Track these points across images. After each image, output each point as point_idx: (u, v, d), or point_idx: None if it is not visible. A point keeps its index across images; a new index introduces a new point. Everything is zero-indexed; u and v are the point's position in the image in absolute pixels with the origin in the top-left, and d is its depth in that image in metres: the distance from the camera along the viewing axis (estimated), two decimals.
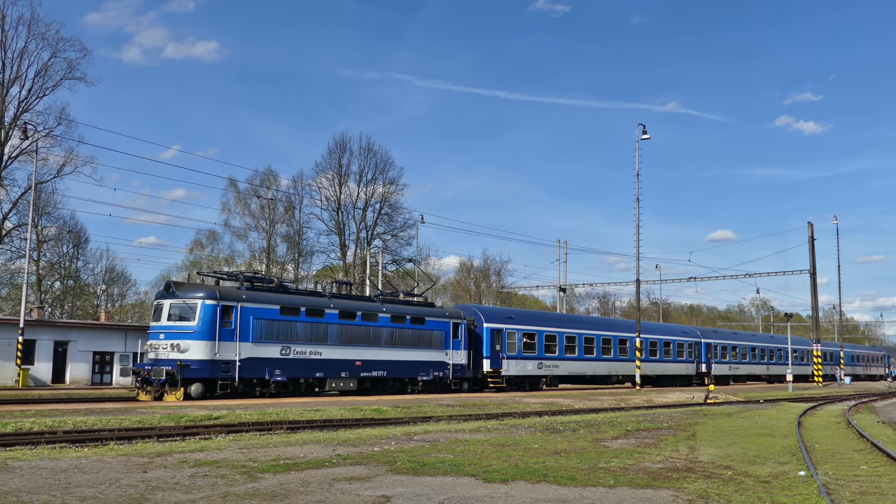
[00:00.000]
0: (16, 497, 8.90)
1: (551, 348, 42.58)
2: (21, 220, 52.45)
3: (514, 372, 39.98)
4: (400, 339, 34.51)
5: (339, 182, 70.18)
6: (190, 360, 27.01)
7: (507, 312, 43.40)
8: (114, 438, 16.49)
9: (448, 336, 36.70)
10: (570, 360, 43.96)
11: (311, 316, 30.95)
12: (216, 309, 27.70)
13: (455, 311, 38.71)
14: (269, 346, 29.13)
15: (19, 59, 50.95)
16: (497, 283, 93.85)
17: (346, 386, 32.18)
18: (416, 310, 36.12)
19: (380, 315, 33.85)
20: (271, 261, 69.84)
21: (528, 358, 40.90)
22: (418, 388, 35.37)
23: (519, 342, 40.32)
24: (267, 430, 19.03)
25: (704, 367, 57.33)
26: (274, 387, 29.50)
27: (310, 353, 30.66)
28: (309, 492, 9.61)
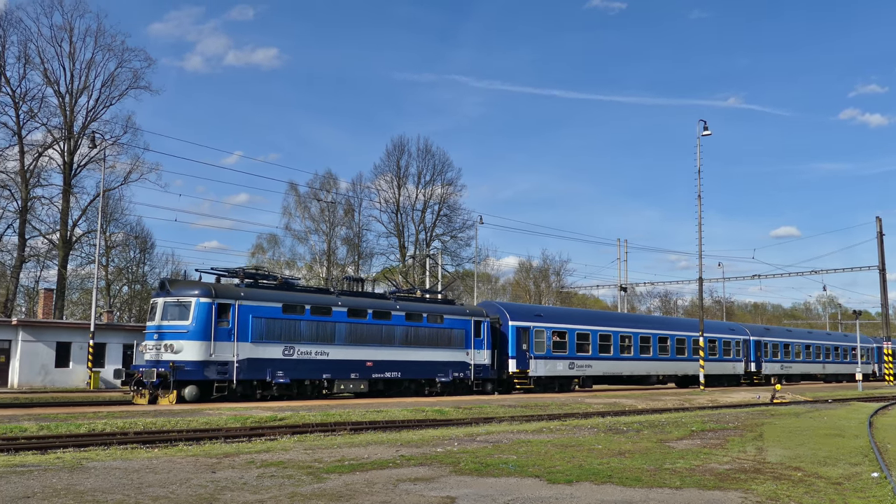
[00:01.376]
0: (91, 497, 9.15)
1: (584, 347, 40.70)
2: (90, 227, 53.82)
3: (542, 372, 38.16)
4: (416, 338, 32.95)
5: (398, 184, 70.66)
6: (183, 362, 25.88)
7: (534, 310, 42.03)
8: (183, 439, 16.83)
9: (469, 335, 35.05)
10: (604, 360, 41.95)
11: (317, 314, 29.57)
12: (211, 307, 26.51)
13: (477, 309, 37.19)
14: (270, 346, 27.87)
15: (87, 69, 52.42)
16: (557, 282, 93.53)
17: (357, 388, 30.78)
18: (434, 307, 34.64)
19: (393, 313, 32.35)
20: (331, 263, 70.51)
21: (558, 357, 39.13)
22: (436, 389, 33.80)
23: (548, 341, 38.59)
24: (331, 431, 19.23)
25: (754, 366, 55.19)
26: (276, 389, 28.23)
27: (316, 354, 29.29)
28: (374, 492, 9.69)
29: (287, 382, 28.21)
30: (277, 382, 27.92)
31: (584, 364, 40.50)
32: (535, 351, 37.75)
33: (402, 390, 32.54)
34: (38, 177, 51.54)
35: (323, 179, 72.36)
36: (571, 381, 40.15)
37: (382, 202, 70.85)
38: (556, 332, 39.14)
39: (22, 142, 50.25)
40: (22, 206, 49.90)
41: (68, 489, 9.62)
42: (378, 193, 71.06)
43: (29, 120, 50.78)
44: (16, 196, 50.19)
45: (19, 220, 50.21)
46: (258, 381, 27.62)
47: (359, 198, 71.95)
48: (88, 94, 52.70)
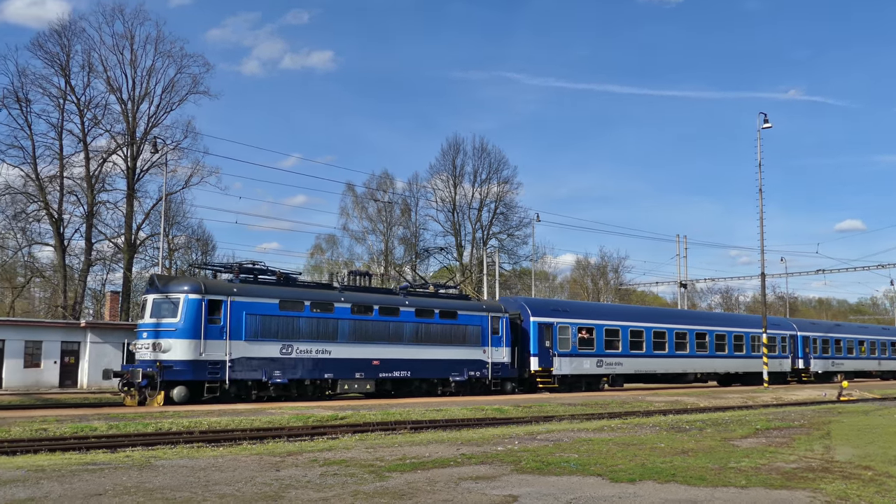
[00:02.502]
0: (160, 494, 9.35)
1: (613, 344, 38.73)
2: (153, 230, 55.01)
3: (567, 371, 36.32)
4: (427, 335, 31.33)
5: (454, 183, 70.80)
6: (171, 361, 24.78)
7: (558, 305, 40.61)
8: (246, 438, 17.12)
9: (486, 331, 33.36)
10: (636, 357, 39.88)
11: (318, 310, 28.21)
12: (201, 304, 25.34)
13: (494, 304, 35.77)
14: (266, 344, 26.59)
15: (148, 76, 53.55)
16: (615, 279, 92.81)
17: (362, 388, 29.46)
18: (447, 303, 33.01)
19: (402, 309, 30.78)
20: (389, 263, 70.92)
21: (584, 355, 37.22)
22: (450, 389, 32.16)
23: (573, 337, 36.70)
24: (391, 430, 19.36)
25: (801, 362, 52.37)
26: (274, 389, 26.96)
27: (316, 352, 27.91)
28: (436, 490, 9.72)
29: (285, 382, 27.03)
30: (274, 382, 26.75)
31: (613, 362, 38.66)
32: (559, 348, 36.07)
33: (412, 390, 31.20)
34: (103, 182, 52.85)
35: (379, 180, 72.88)
36: (600, 380, 38.41)
37: (439, 201, 71.13)
38: (583, 329, 37.46)
39: (87, 148, 51.55)
40: (88, 210, 51.19)
41: (138, 487, 9.84)
42: (434, 192, 71.36)
43: (93, 127, 52.12)
44: (82, 201, 51.52)
45: (86, 224, 51.51)
46: (253, 382, 26.46)
47: (415, 197, 72.33)
48: (150, 101, 53.88)
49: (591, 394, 35.18)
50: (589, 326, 37.69)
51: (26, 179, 49.78)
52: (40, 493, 9.37)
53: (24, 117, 49.44)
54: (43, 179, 49.96)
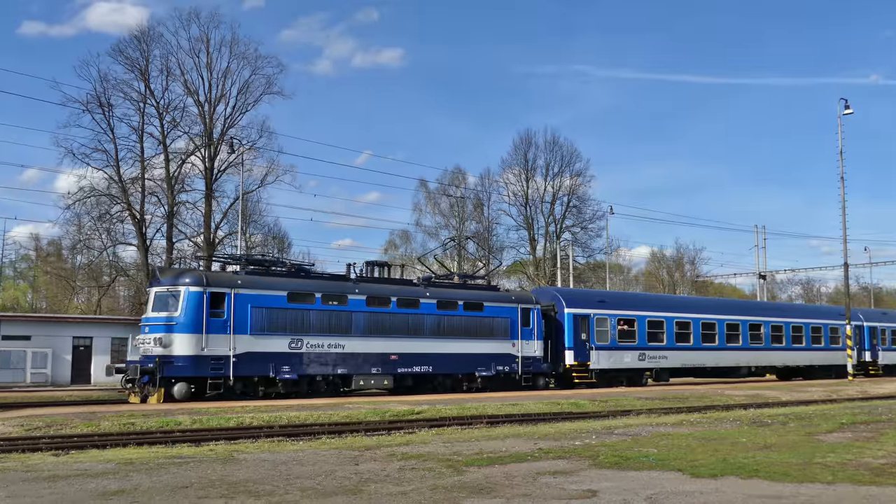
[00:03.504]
0: (244, 487, 9.57)
1: (657, 336, 36.53)
2: (231, 229, 56.02)
3: (605, 365, 34.33)
4: (449, 328, 29.74)
5: (526, 177, 70.47)
6: (171, 356, 23.87)
7: (596, 295, 38.27)
8: (325, 433, 17.37)
9: (516, 324, 31.56)
10: (682, 350, 37.46)
11: (330, 303, 26.94)
12: (202, 297, 24.35)
13: (525, 295, 34.10)
14: (273, 338, 25.46)
15: (223, 78, 54.45)
16: (691, 271, 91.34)
17: (379, 384, 28.06)
18: (472, 294, 31.32)
19: (422, 301, 29.25)
20: (462, 258, 71.03)
21: (624, 348, 35.14)
22: (476, 385, 30.47)
23: (612, 329, 34.67)
24: (468, 425, 19.42)
25: (868, 354, 48.84)
26: (282, 386, 25.78)
27: (328, 347, 26.63)
28: (514, 485, 9.73)
29: (294, 378, 25.85)
30: (282, 378, 25.59)
31: (657, 355, 36.38)
32: (596, 341, 34.08)
33: (435, 386, 29.83)
34: (182, 183, 53.93)
35: (451, 175, 72.95)
36: (642, 375, 36.23)
37: (511, 195, 70.86)
38: (623, 320, 35.35)
39: (167, 150, 52.71)
40: (169, 211, 52.40)
41: (222, 480, 10.09)
42: (506, 187, 71.08)
43: (172, 129, 53.17)
44: (163, 202, 52.73)
45: (167, 224, 52.70)
46: (260, 378, 25.44)
47: (487, 192, 72.19)
48: (226, 102, 54.78)
49: (665, 387, 34.63)
50: (629, 318, 35.76)
51: (110, 182, 51.13)
52: (130, 485, 9.68)
53: (107, 121, 50.74)
54: (125, 181, 51.27)
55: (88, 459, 12.35)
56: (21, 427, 16.96)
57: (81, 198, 50.31)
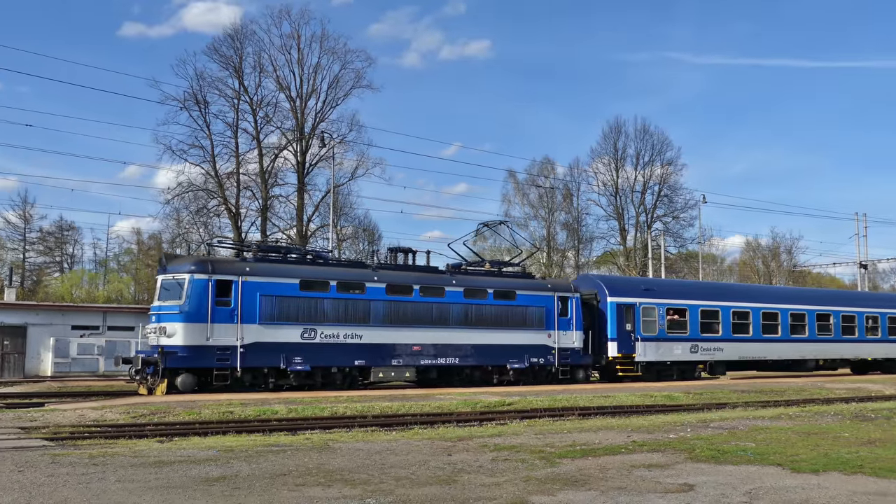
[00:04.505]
0: (339, 476, 9.75)
1: (711, 327, 34.39)
2: (323, 222, 57.00)
3: (652, 357, 32.31)
4: (478, 317, 28.29)
5: (616, 166, 69.67)
6: (175, 347, 23.00)
7: (641, 283, 36.13)
8: (418, 423, 17.55)
9: (552, 313, 29.90)
10: (740, 342, 35.21)
11: (346, 291, 25.76)
12: (208, 284, 23.49)
13: (562, 283, 32.28)
14: (284, 328, 24.42)
15: (314, 73, 55.40)
16: (788, 261, 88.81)
17: (401, 376, 26.82)
18: (502, 282, 29.72)
19: (447, 289, 27.86)
20: (552, 249, 70.63)
21: (674, 339, 32.99)
22: (508, 378, 29.02)
23: (660, 320, 32.65)
24: (559, 416, 19.36)
25: None
26: (294, 377, 24.71)
27: (344, 337, 25.49)
28: (608, 478, 9.65)
29: (307, 370, 24.78)
30: (294, 370, 24.52)
31: (711, 346, 34.20)
32: (642, 332, 32.10)
33: (462, 379, 28.36)
34: (275, 177, 55.17)
35: (540, 165, 72.59)
36: (694, 367, 34.19)
37: (601, 185, 70.18)
38: (672, 310, 33.30)
39: (260, 145, 53.97)
40: (263, 204, 53.64)
41: (318, 468, 10.30)
42: (596, 177, 70.44)
43: (265, 125, 54.42)
44: (257, 196, 54.03)
45: (261, 217, 53.97)
46: (270, 369, 24.41)
47: (577, 182, 71.62)
48: (316, 97, 55.69)
49: (756, 380, 33.75)
50: (680, 307, 33.67)
51: (206, 177, 52.68)
52: (231, 471, 9.97)
53: (204, 118, 52.31)
54: (221, 176, 52.71)
55: (191, 446, 12.77)
56: (127, 414, 17.64)
57: (180, 193, 52.01)
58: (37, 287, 67.51)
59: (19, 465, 10.29)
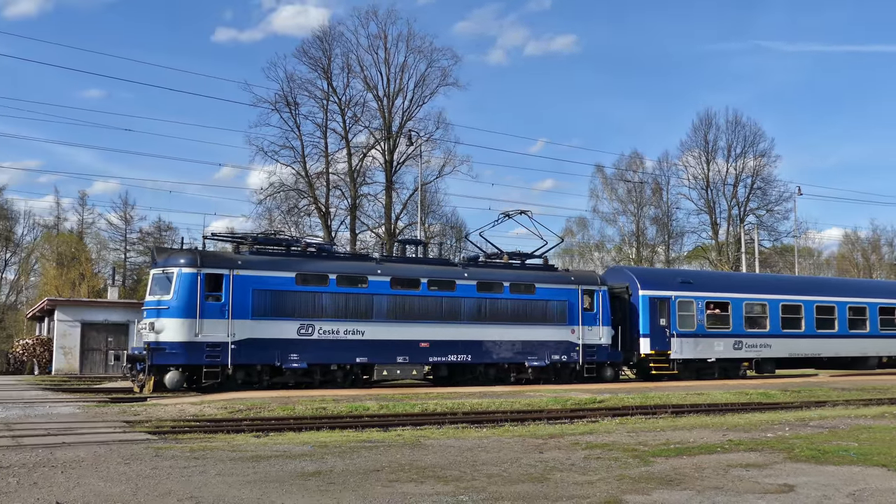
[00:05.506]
0: (432, 472, 9.82)
1: (758, 322, 32.23)
2: (411, 220, 57.44)
3: (690, 354, 30.29)
4: (493, 312, 26.69)
5: (707, 159, 68.20)
6: (164, 343, 22.16)
7: (678, 275, 34.18)
8: (508, 420, 17.54)
9: (575, 308, 28.13)
10: (790, 338, 32.87)
11: (346, 285, 24.58)
12: (197, 278, 22.51)
13: (587, 275, 30.21)
14: (279, 323, 23.33)
15: (401, 73, 55.88)
16: (890, 254, 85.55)
17: (407, 374, 25.45)
18: (520, 274, 28.10)
19: (458, 282, 26.36)
20: (641, 244, 69.64)
21: (715, 335, 30.91)
22: (526, 376, 27.35)
23: (699, 314, 30.65)
24: (651, 414, 19.10)
25: None
26: (290, 375, 23.68)
27: (345, 333, 24.26)
28: (704, 477, 9.48)
29: (304, 367, 23.66)
30: (290, 367, 23.43)
31: (758, 343, 32.01)
32: (678, 327, 30.10)
33: (476, 377, 26.76)
34: (364, 176, 55.87)
35: (629, 160, 71.68)
36: (738, 365, 32.03)
37: (691, 179, 68.83)
38: (713, 303, 31.29)
39: (349, 145, 54.73)
40: (352, 203, 54.38)
41: (411, 464, 10.40)
42: (686, 170, 69.14)
43: (354, 124, 55.18)
44: (346, 195, 54.79)
45: (350, 216, 54.75)
46: (264, 366, 23.36)
47: (666, 176, 70.47)
48: (403, 96, 56.17)
49: (860, 377, 32.51)
50: (721, 301, 31.59)
51: (297, 177, 53.72)
52: (325, 467, 10.15)
53: (294, 119, 53.37)
54: (311, 176, 53.68)
55: (286, 441, 13.05)
56: (225, 410, 18.14)
57: (271, 193, 53.16)
58: (137, 286, 69.94)
59: (125, 458, 10.69)
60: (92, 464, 10.23)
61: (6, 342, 59.28)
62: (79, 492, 8.43)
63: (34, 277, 72.42)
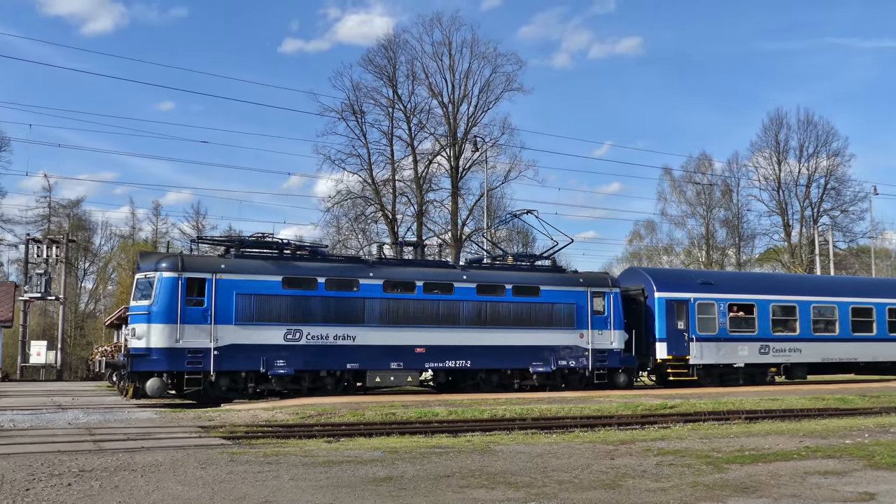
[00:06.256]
0: (502, 478, 9.82)
1: (786, 324, 30.50)
2: (477, 225, 57.52)
3: (711, 359, 28.75)
4: (493, 316, 25.59)
5: (778, 159, 66.76)
6: (143, 349, 21.59)
7: (698, 276, 32.36)
8: (577, 426, 17.43)
9: (584, 311, 26.86)
10: (822, 342, 31.05)
11: (336, 288, 23.76)
12: (177, 283, 21.92)
13: (597, 277, 28.57)
14: (265, 328, 22.64)
15: (465, 79, 56.03)
16: None
17: (401, 380, 24.51)
18: (523, 276, 26.95)
19: (456, 285, 25.32)
20: (711, 247, 68.51)
21: (738, 339, 29.36)
22: (531, 382, 26.06)
23: (721, 317, 29.14)
24: (724, 420, 18.78)
25: None
26: (276, 382, 22.84)
27: (334, 338, 23.45)
28: (781, 485, 9.29)
29: (290, 374, 22.91)
30: (276, 374, 22.69)
31: (786, 347, 30.27)
32: (697, 331, 28.64)
33: (477, 384, 25.71)
34: (429, 182, 56.15)
35: (697, 161, 70.65)
36: (765, 371, 30.17)
37: (761, 180, 67.46)
38: (736, 306, 29.75)
39: (415, 152, 55.06)
40: (418, 210, 54.68)
41: (481, 470, 10.41)
42: (756, 171, 67.81)
43: (419, 131, 55.48)
44: (412, 201, 55.14)
45: (416, 222, 55.06)
46: (249, 373, 22.59)
47: (736, 177, 69.21)
48: (468, 102, 56.30)
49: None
50: (746, 303, 29.98)
51: (364, 184, 54.27)
52: (396, 472, 10.23)
53: (360, 128, 53.96)
54: (378, 183, 54.15)
55: (357, 447, 13.18)
56: (296, 415, 18.40)
57: (339, 201, 53.79)
58: None
59: (202, 463, 10.92)
60: (170, 468, 10.48)
61: (86, 349, 61.06)
62: (158, 495, 8.66)
63: (111, 286, 74.47)
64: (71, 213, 69.62)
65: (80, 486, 9.21)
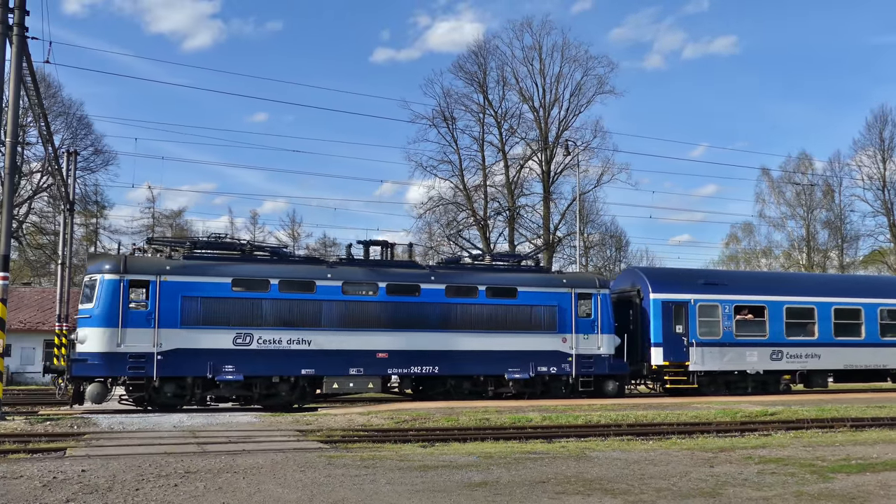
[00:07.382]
0: (598, 485, 9.73)
1: (803, 328, 28.12)
2: (569, 230, 57.16)
3: (714, 366, 26.66)
4: (465, 319, 24.10)
5: (883, 158, 64.25)
6: (83, 354, 20.94)
7: (700, 276, 29.32)
8: (675, 433, 17.13)
9: (567, 314, 25.03)
10: (845, 346, 28.54)
11: (290, 290, 22.67)
12: (119, 285, 21.11)
13: (583, 278, 26.87)
14: (213, 332, 21.65)
15: (556, 83, 55.80)
16: None
17: (362, 387, 23.09)
18: (497, 277, 25.32)
19: (423, 287, 23.95)
20: (812, 249, 66.38)
21: (746, 343, 27.17)
22: (507, 390, 24.71)
23: (726, 320, 27.06)
24: (829, 428, 18.18)
25: None
26: (225, 388, 21.85)
27: (288, 342, 22.34)
28: (891, 496, 8.95)
29: (239, 379, 21.80)
30: (223, 379, 21.62)
31: (802, 353, 27.92)
32: (698, 335, 26.63)
33: (447, 391, 24.20)
34: (521, 187, 56.09)
35: (796, 161, 68.56)
36: (778, 379, 28.00)
37: (865, 179, 65.02)
38: (744, 308, 27.59)
39: (506, 157, 55.11)
40: (510, 215, 54.67)
41: (577, 476, 10.34)
42: (860, 170, 65.39)
43: (510, 136, 55.56)
44: (504, 206, 55.16)
45: (508, 228, 55.06)
46: (196, 379, 21.64)
47: (838, 177, 66.88)
48: (559, 106, 56.05)
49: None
50: (756, 304, 27.79)
51: (455, 190, 54.61)
52: (491, 477, 10.24)
53: (451, 134, 54.38)
54: (469, 189, 54.40)
55: (452, 452, 13.25)
56: (391, 420, 18.60)
57: (431, 207, 54.23)
58: None
59: (301, 466, 11.16)
60: (270, 470, 10.74)
61: None
62: (259, 497, 8.89)
63: None
64: (173, 222, 71.87)
65: (185, 486, 9.53)
